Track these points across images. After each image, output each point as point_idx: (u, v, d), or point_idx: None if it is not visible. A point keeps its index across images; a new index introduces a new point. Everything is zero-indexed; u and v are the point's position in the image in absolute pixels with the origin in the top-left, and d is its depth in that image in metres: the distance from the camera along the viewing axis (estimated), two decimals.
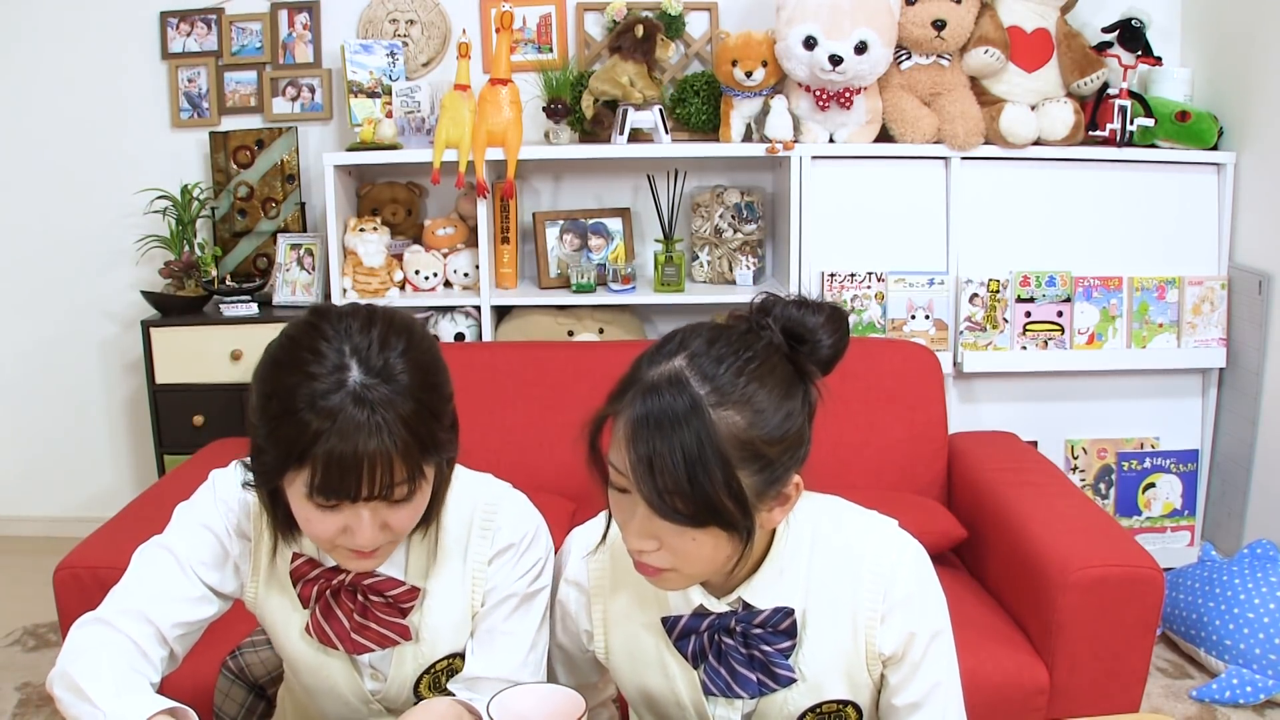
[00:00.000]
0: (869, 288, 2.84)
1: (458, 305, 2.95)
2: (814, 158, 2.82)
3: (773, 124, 2.82)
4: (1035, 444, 2.91)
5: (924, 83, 2.84)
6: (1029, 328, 2.86)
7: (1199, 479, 2.98)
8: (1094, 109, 2.87)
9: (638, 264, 3.06)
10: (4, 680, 2.55)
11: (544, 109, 2.96)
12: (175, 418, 2.94)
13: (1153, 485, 2.97)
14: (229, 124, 3.18)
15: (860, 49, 2.67)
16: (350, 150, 2.90)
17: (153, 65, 3.19)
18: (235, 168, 3.13)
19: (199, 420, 2.92)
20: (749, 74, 2.79)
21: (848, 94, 2.76)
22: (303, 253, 3.06)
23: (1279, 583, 2.42)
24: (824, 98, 2.78)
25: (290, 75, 3.17)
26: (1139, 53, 2.89)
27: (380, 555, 1.15)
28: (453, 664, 1.27)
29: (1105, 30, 2.92)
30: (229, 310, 2.97)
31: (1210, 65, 2.96)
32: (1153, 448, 2.97)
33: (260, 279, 3.13)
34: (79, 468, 3.44)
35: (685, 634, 1.16)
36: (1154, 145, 2.89)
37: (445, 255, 3.00)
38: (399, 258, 3.00)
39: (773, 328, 1.08)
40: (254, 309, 2.98)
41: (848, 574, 1.14)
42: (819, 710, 1.16)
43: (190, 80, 3.18)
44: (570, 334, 2.95)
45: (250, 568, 1.25)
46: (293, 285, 3.06)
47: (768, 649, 1.13)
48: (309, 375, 1.05)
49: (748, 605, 1.14)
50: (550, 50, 3.10)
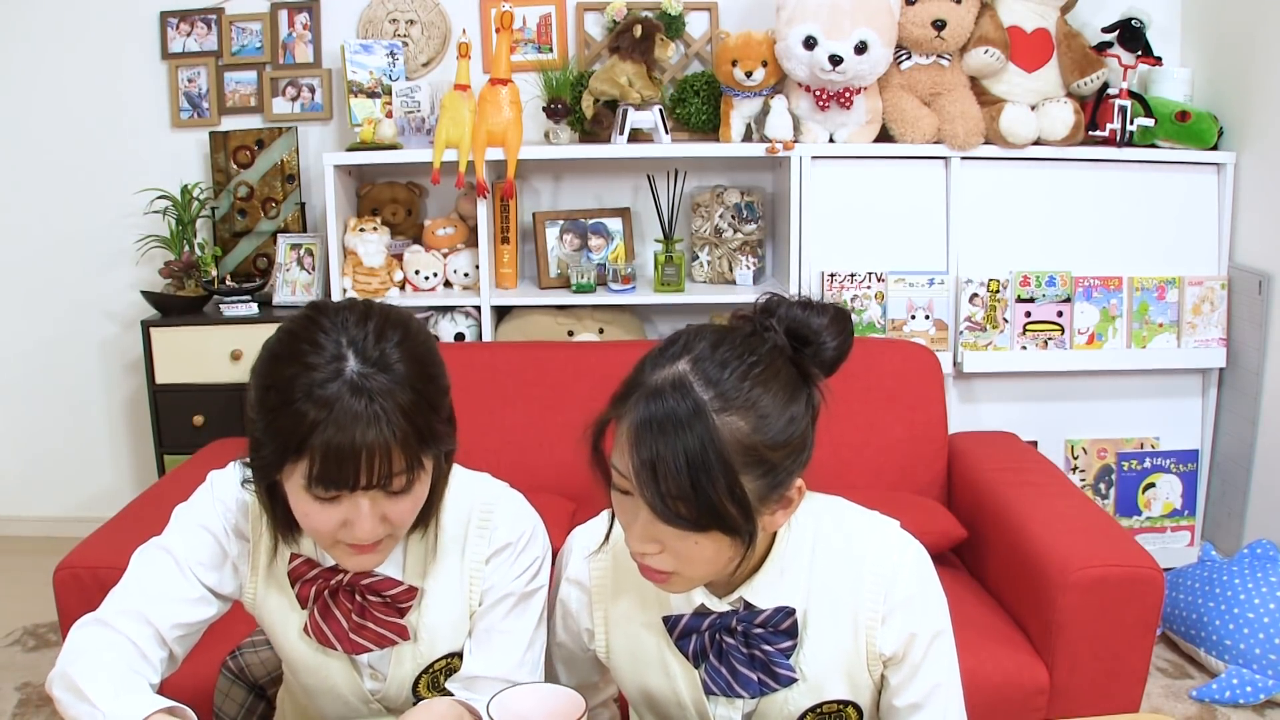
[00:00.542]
0: (869, 288, 2.84)
1: (458, 305, 2.96)
2: (814, 158, 2.82)
3: (773, 124, 2.82)
4: (1035, 444, 2.91)
5: (924, 83, 2.84)
6: (1029, 328, 2.86)
7: (1199, 479, 2.98)
8: (1094, 109, 2.87)
9: (638, 264, 3.06)
10: (4, 680, 2.55)
11: (544, 109, 2.96)
12: (175, 418, 2.94)
13: (1153, 485, 2.97)
14: (229, 124, 3.18)
15: (860, 49, 2.67)
16: (350, 150, 2.91)
17: (153, 65, 3.19)
18: (235, 168, 3.13)
19: (199, 420, 2.92)
20: (749, 74, 2.79)
21: (848, 94, 2.76)
22: (303, 253, 3.06)
23: (1279, 583, 2.42)
24: (824, 98, 2.78)
25: (290, 75, 3.17)
26: (1139, 53, 2.89)
27: (380, 552, 1.15)
28: (451, 663, 1.27)
29: (1105, 30, 2.92)
30: (229, 310, 2.97)
31: (1210, 65, 2.96)
32: (1153, 448, 2.97)
33: (260, 279, 3.13)
34: (79, 468, 3.43)
35: (686, 633, 1.16)
36: (1154, 145, 2.89)
37: (445, 255, 3.00)
38: (399, 258, 3.00)
39: (776, 329, 1.07)
40: (254, 309, 2.98)
41: (849, 574, 1.14)
42: (819, 710, 1.16)
43: (190, 80, 3.18)
44: (570, 334, 2.95)
45: (249, 568, 1.25)
46: (293, 285, 3.06)
47: (769, 649, 1.13)
48: (307, 366, 1.05)
49: (749, 605, 1.14)
50: (550, 50, 3.10)
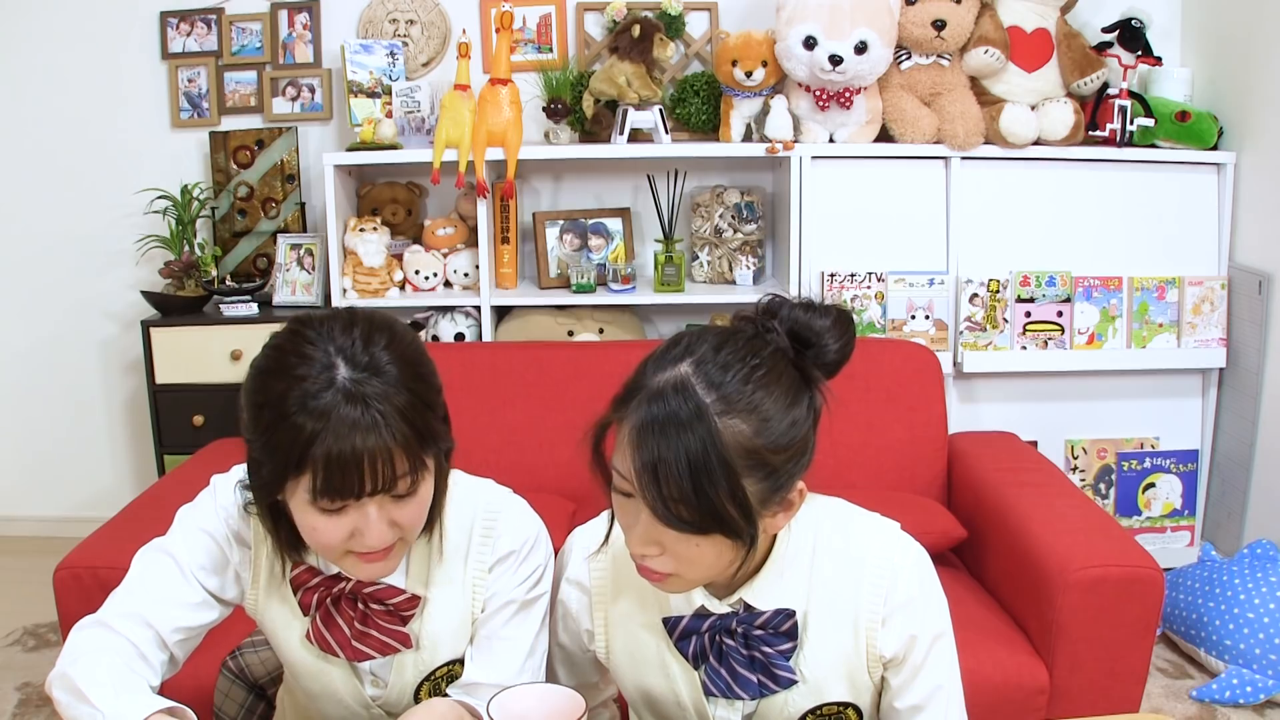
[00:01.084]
0: (869, 288, 2.84)
1: (458, 305, 2.95)
2: (814, 158, 2.82)
3: (773, 124, 2.82)
4: (1035, 444, 2.91)
5: (924, 83, 2.84)
6: (1029, 328, 2.86)
7: (1199, 479, 2.98)
8: (1094, 109, 2.87)
9: (638, 264, 3.06)
10: (4, 680, 2.55)
11: (544, 109, 2.96)
12: (175, 418, 2.94)
13: (1153, 485, 2.97)
14: (229, 124, 3.18)
15: (860, 49, 2.67)
16: (350, 150, 2.90)
17: (153, 65, 3.19)
18: (235, 168, 3.13)
19: (199, 420, 2.92)
20: (749, 74, 2.78)
21: (848, 94, 2.76)
22: (303, 253, 3.06)
23: (1279, 583, 2.42)
24: (824, 98, 2.78)
25: (290, 75, 3.17)
26: (1139, 53, 2.89)
27: (393, 558, 1.14)
28: (453, 670, 1.27)
29: (1105, 30, 2.92)
30: (229, 310, 2.97)
31: (1210, 65, 2.96)
32: (1153, 448, 2.97)
33: (260, 279, 3.13)
34: (79, 468, 3.43)
35: (686, 635, 1.16)
36: (1154, 145, 2.89)
37: (445, 255, 3.00)
38: (399, 258, 3.00)
39: (778, 330, 1.07)
40: (254, 309, 2.98)
41: (849, 576, 1.14)
42: (820, 712, 1.16)
43: (190, 80, 3.18)
44: (570, 334, 2.95)
45: (250, 575, 1.24)
46: (293, 285, 3.05)
47: (769, 650, 1.13)
48: (297, 378, 1.04)
49: (749, 606, 1.14)
50: (550, 50, 3.10)
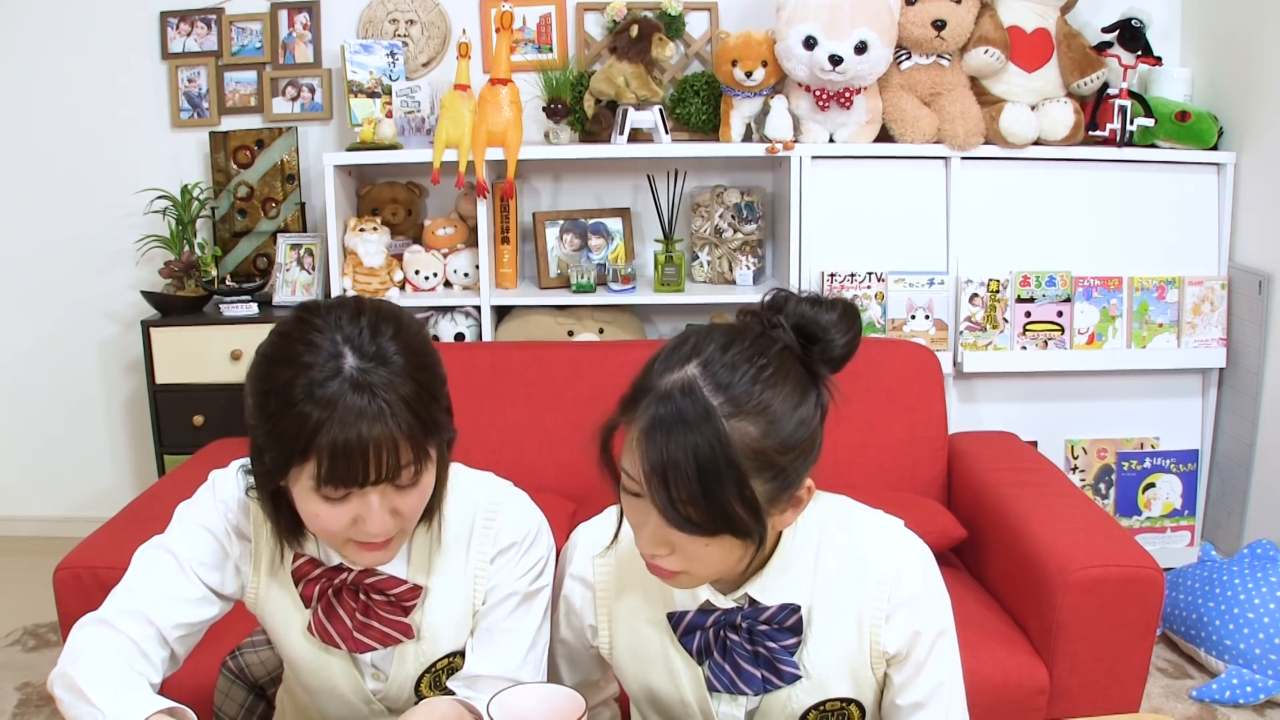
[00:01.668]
0: (869, 288, 2.84)
1: (458, 305, 2.95)
2: (814, 158, 2.82)
3: (773, 124, 2.82)
4: (1035, 444, 2.91)
5: (924, 83, 2.84)
6: (1029, 328, 2.86)
7: (1199, 479, 2.98)
8: (1094, 109, 2.87)
9: (638, 264, 3.06)
10: (4, 680, 2.55)
11: (544, 109, 2.96)
12: (175, 418, 2.94)
13: (1153, 485, 2.97)
14: (229, 124, 3.18)
15: (860, 49, 2.67)
16: (350, 150, 2.90)
17: (153, 65, 3.19)
18: (235, 168, 3.13)
19: (199, 420, 2.92)
20: (749, 74, 2.79)
21: (848, 94, 2.76)
22: (303, 253, 3.06)
23: (1279, 583, 2.42)
24: (824, 98, 2.78)
25: (290, 75, 3.17)
26: (1139, 53, 2.89)
27: (392, 547, 1.15)
28: (453, 662, 1.27)
29: (1105, 30, 2.92)
30: (229, 310, 2.97)
31: (1210, 65, 2.96)
32: (1153, 448, 2.97)
33: (260, 279, 3.13)
34: (79, 468, 3.43)
35: (690, 630, 1.16)
36: (1154, 145, 2.89)
37: (445, 255, 3.00)
38: (399, 258, 3.00)
39: (784, 325, 1.06)
40: (254, 309, 2.98)
41: (854, 572, 1.14)
42: (822, 708, 1.16)
43: (190, 80, 3.18)
44: (570, 334, 2.95)
45: (251, 569, 1.24)
46: (293, 285, 3.05)
47: (773, 645, 1.14)
48: (304, 366, 1.05)
49: (754, 601, 1.14)
50: (550, 50, 3.10)
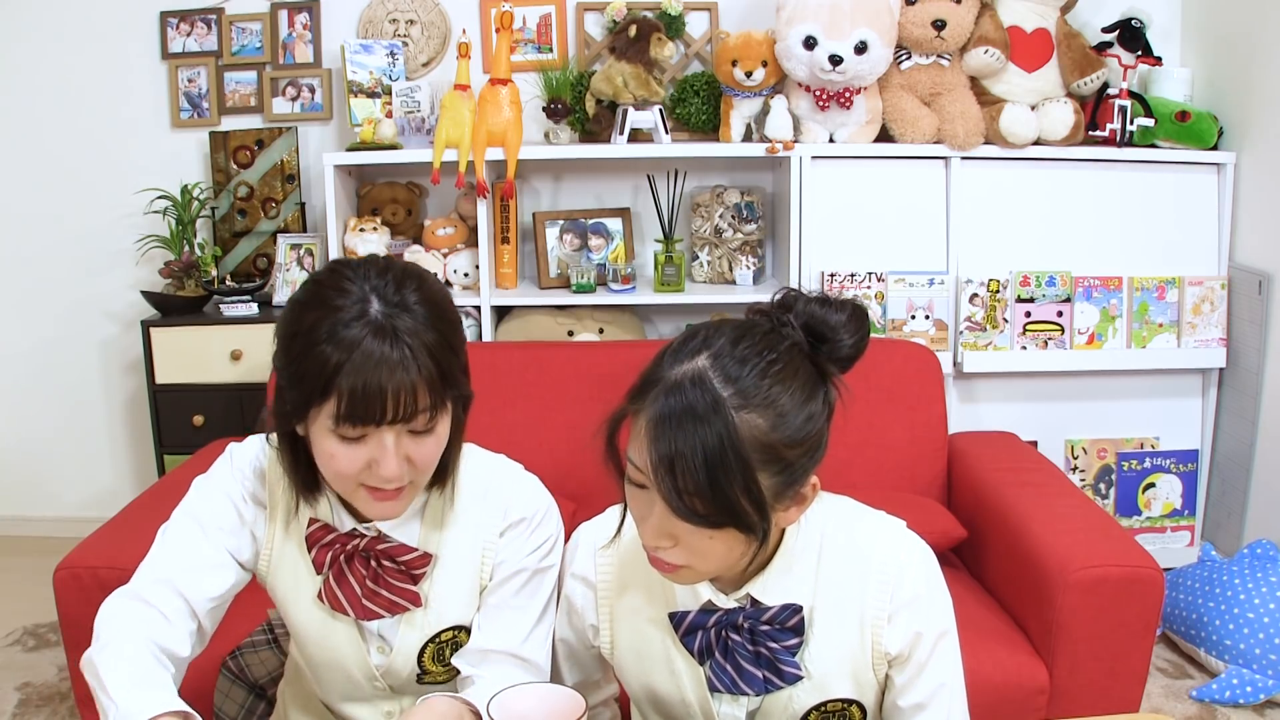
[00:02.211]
0: (869, 288, 2.84)
1: (458, 305, 2.95)
2: (814, 158, 2.82)
3: (773, 124, 2.82)
4: (1035, 444, 2.91)
5: (924, 83, 2.84)
6: (1029, 328, 2.86)
7: (1199, 479, 2.98)
8: (1094, 109, 2.87)
9: (638, 264, 3.06)
10: (4, 680, 2.55)
11: (544, 109, 2.96)
12: (175, 418, 2.94)
13: (1153, 485, 2.97)
14: (229, 124, 3.18)
15: (860, 49, 2.67)
16: (350, 150, 2.90)
17: (153, 65, 3.19)
18: (235, 168, 3.13)
19: (199, 420, 2.92)
20: (749, 74, 2.79)
21: (848, 94, 2.76)
22: (303, 253, 3.06)
23: (1279, 583, 2.42)
24: (824, 98, 2.78)
25: (290, 75, 3.17)
26: (1139, 53, 2.89)
27: (403, 499, 1.18)
28: (457, 637, 1.29)
29: (1105, 30, 2.92)
30: (229, 310, 2.97)
31: (1210, 65, 2.96)
32: (1153, 448, 2.97)
33: (260, 279, 3.13)
34: (79, 468, 3.43)
35: (692, 630, 1.16)
36: (1154, 145, 2.89)
37: (445, 255, 3.00)
38: (399, 258, 2.99)
39: (794, 324, 1.07)
40: (254, 309, 2.98)
41: (856, 573, 1.15)
42: (823, 709, 1.16)
43: (190, 80, 3.18)
44: (570, 334, 2.95)
45: (266, 534, 1.28)
46: (293, 285, 3.05)
47: (775, 646, 1.14)
48: (333, 309, 1.11)
49: (756, 601, 1.14)
50: (550, 50, 3.10)
